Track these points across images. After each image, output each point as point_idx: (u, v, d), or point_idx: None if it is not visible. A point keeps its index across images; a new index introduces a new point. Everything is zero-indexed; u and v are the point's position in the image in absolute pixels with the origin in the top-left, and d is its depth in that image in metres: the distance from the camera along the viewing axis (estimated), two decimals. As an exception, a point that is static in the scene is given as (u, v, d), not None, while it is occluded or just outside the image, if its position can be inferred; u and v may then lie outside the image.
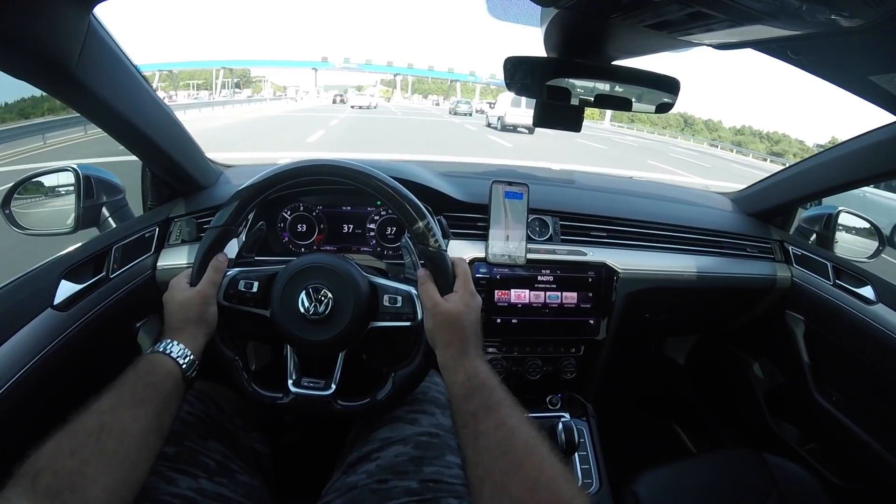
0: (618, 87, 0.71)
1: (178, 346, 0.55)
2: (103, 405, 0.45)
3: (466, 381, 0.53)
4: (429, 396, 0.71)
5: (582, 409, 1.06)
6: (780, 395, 1.20)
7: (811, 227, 1.18)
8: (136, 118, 0.71)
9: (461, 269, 0.62)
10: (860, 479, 0.99)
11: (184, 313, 0.59)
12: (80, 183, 0.83)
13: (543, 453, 0.45)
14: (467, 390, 0.52)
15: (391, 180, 0.63)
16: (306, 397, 0.64)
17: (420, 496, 0.56)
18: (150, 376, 0.51)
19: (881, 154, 0.88)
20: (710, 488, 0.82)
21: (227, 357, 0.63)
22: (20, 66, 0.53)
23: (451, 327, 0.57)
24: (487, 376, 0.53)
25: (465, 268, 0.62)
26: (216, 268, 0.62)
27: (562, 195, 1.11)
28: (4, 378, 0.53)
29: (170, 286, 0.62)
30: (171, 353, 0.54)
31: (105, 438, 0.43)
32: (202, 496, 0.53)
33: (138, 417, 0.46)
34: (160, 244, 0.87)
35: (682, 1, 0.42)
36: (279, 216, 0.97)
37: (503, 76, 0.71)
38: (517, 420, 0.48)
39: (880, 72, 0.55)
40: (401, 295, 0.63)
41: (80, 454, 0.41)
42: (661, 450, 1.41)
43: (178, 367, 0.54)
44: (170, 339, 0.55)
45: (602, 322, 0.99)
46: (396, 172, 0.78)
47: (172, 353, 0.54)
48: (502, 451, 0.45)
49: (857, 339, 0.96)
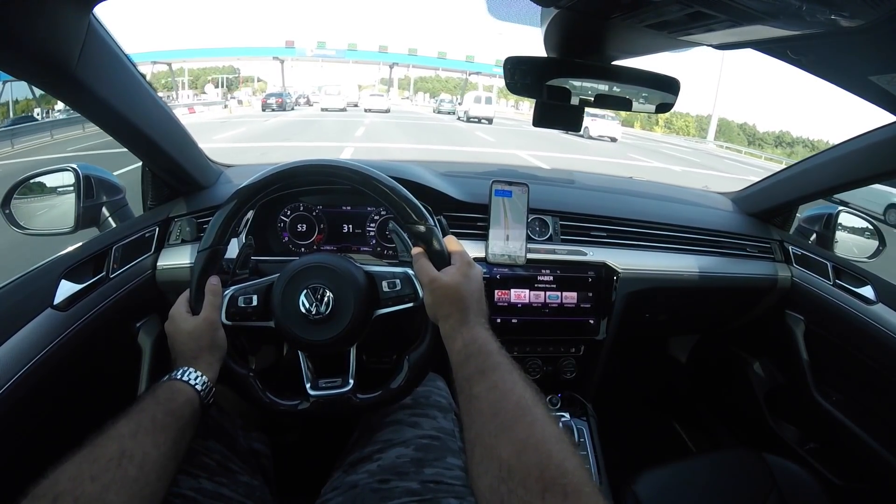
0: (618, 87, 0.71)
1: (196, 374, 0.55)
2: (122, 430, 0.45)
3: (464, 347, 0.53)
4: (431, 400, 0.71)
5: (582, 409, 1.05)
6: (780, 395, 1.20)
7: (811, 227, 1.18)
8: (136, 118, 0.71)
9: (454, 244, 0.62)
10: (860, 479, 0.99)
11: (196, 343, 0.58)
12: (80, 183, 0.83)
13: (535, 414, 0.44)
14: (464, 356, 0.52)
15: (390, 180, 0.63)
16: (326, 398, 0.64)
17: (420, 496, 0.56)
18: (170, 403, 0.50)
19: (881, 154, 0.88)
20: (710, 488, 0.82)
21: (240, 375, 0.63)
22: (20, 65, 0.53)
23: (450, 299, 0.56)
24: (486, 342, 0.53)
25: (456, 243, 0.63)
26: (213, 291, 0.61)
27: (562, 195, 1.11)
28: (4, 378, 0.53)
29: (171, 317, 0.61)
30: (189, 380, 0.54)
31: (126, 464, 0.42)
32: (202, 496, 0.53)
33: (158, 444, 0.46)
34: (160, 244, 0.87)
35: (682, 1, 0.42)
36: (279, 216, 0.97)
37: (503, 76, 0.71)
38: (511, 383, 0.47)
39: (880, 72, 0.56)
40: (398, 277, 0.63)
41: (100, 480, 0.40)
42: (661, 450, 1.41)
43: (197, 394, 0.53)
44: (187, 367, 0.55)
45: (602, 322, 0.99)
46: (396, 172, 0.78)
47: (191, 381, 0.54)
48: (493, 412, 0.45)
49: (857, 339, 0.96)
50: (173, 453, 0.47)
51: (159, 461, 0.45)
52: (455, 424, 0.69)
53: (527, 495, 0.37)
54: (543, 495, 0.37)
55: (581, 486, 0.37)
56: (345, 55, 46.97)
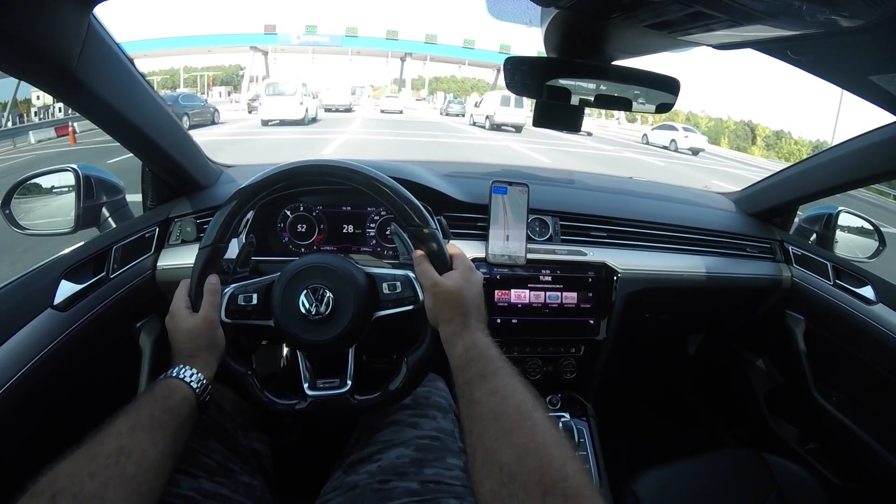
0: (618, 87, 0.71)
1: (193, 372, 0.55)
2: (121, 428, 0.45)
3: (464, 352, 0.53)
4: (430, 401, 0.71)
5: (582, 409, 1.05)
6: (780, 395, 1.20)
7: (811, 227, 1.18)
8: (136, 118, 0.71)
9: (454, 247, 0.63)
10: (860, 479, 0.99)
11: (195, 341, 0.58)
12: (80, 183, 0.83)
13: (536, 419, 0.44)
14: (465, 361, 0.52)
15: (391, 180, 0.63)
16: (324, 398, 0.64)
17: (420, 496, 0.56)
18: (168, 401, 0.50)
19: (881, 154, 0.88)
20: (710, 488, 0.82)
21: (238, 373, 0.63)
22: (20, 66, 0.53)
23: (451, 304, 0.57)
24: (486, 347, 0.53)
25: (456, 247, 0.63)
26: (212, 290, 0.61)
27: (562, 195, 1.11)
28: (4, 378, 0.53)
29: (172, 313, 0.61)
30: (186, 378, 0.54)
31: (124, 462, 0.42)
32: (202, 496, 0.53)
33: (156, 441, 0.46)
34: (160, 244, 0.87)
35: (682, 1, 0.42)
36: (279, 216, 0.97)
37: (503, 76, 0.71)
38: (512, 387, 0.48)
39: (880, 72, 0.56)
40: (399, 280, 0.63)
41: (99, 477, 0.40)
42: (661, 450, 1.40)
43: (193, 393, 0.53)
44: (184, 365, 0.55)
45: (602, 322, 0.99)
46: (396, 172, 0.78)
47: (187, 379, 0.54)
48: (493, 417, 0.45)
49: (857, 339, 0.96)
50: (171, 451, 0.48)
51: (157, 458, 0.45)
52: (455, 425, 0.69)
53: (527, 499, 0.38)
54: (544, 499, 0.37)
55: (581, 489, 0.37)
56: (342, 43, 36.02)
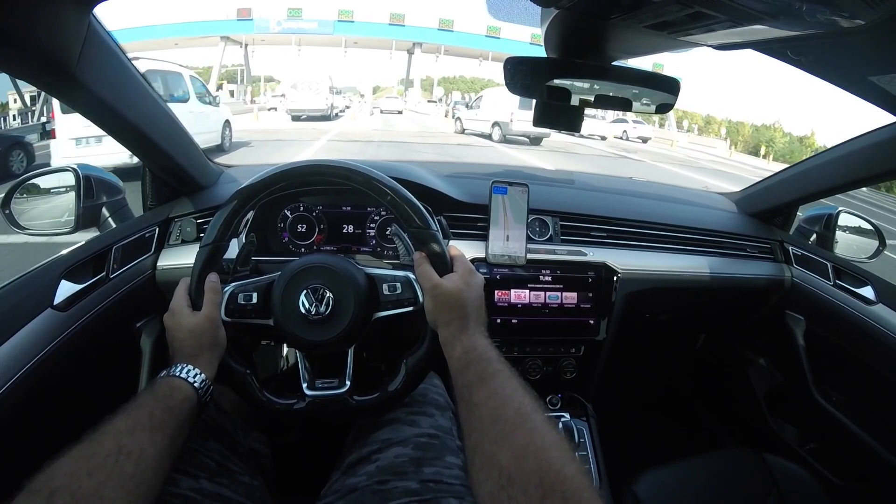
0: (618, 87, 0.71)
1: (195, 371, 0.54)
2: (120, 427, 0.45)
3: (463, 354, 0.53)
4: (428, 398, 0.71)
5: (582, 410, 1.05)
6: (780, 395, 1.20)
7: (811, 227, 1.18)
8: (136, 118, 0.71)
9: (455, 252, 0.63)
10: (860, 479, 0.99)
11: (198, 340, 0.58)
12: (80, 183, 0.83)
13: (535, 421, 0.44)
14: (464, 364, 0.52)
15: (392, 181, 0.63)
16: (323, 398, 0.64)
17: (420, 496, 0.56)
18: (168, 400, 0.50)
19: (881, 154, 0.88)
20: (710, 488, 0.82)
21: (238, 372, 0.63)
22: (20, 66, 0.53)
23: (451, 306, 0.56)
24: (485, 349, 0.53)
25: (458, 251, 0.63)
26: (213, 288, 0.61)
27: (562, 195, 1.11)
28: (4, 378, 0.53)
29: (172, 311, 0.60)
30: (188, 377, 0.53)
31: (123, 461, 0.42)
32: (202, 496, 0.53)
33: (156, 441, 0.46)
34: (160, 244, 0.87)
35: (682, 1, 0.42)
36: (279, 216, 0.97)
37: (503, 77, 0.71)
38: (511, 390, 0.47)
39: (880, 72, 0.56)
40: (399, 281, 0.63)
41: (97, 476, 0.40)
42: (661, 450, 1.40)
43: (195, 392, 0.53)
44: (186, 364, 0.55)
45: (602, 322, 0.99)
46: (396, 173, 0.78)
47: (189, 378, 0.53)
48: (493, 420, 0.45)
49: (857, 339, 0.96)
50: (170, 450, 0.47)
51: (156, 458, 0.45)
52: (453, 422, 0.69)
53: (527, 502, 0.38)
54: (543, 502, 0.37)
55: (580, 491, 0.37)
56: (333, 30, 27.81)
